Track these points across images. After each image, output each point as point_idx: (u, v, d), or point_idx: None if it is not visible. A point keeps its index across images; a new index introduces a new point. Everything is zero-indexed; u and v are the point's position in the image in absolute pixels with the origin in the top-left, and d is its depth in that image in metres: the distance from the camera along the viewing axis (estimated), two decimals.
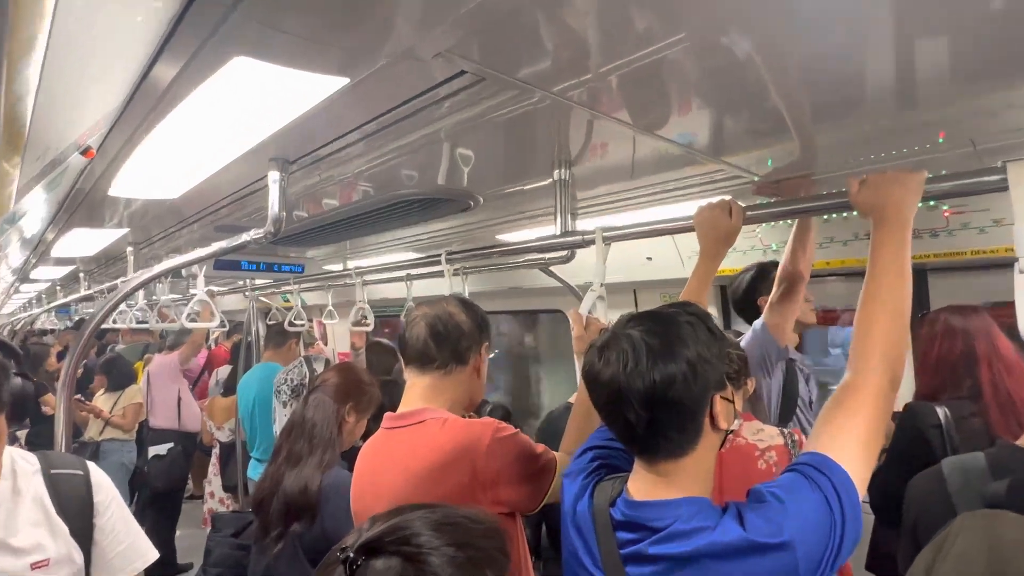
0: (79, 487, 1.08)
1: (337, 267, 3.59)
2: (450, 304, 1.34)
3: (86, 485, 1.09)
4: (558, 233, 1.62)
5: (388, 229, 2.45)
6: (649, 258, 2.41)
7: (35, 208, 2.02)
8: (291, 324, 3.21)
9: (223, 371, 4.62)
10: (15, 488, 1.04)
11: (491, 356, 1.41)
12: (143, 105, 1.08)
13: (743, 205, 1.31)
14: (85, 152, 1.17)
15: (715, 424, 0.89)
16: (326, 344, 5.61)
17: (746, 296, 1.93)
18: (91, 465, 1.13)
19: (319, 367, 2.81)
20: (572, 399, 2.11)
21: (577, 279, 2.56)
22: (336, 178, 1.60)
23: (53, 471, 1.07)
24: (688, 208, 1.42)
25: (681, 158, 1.46)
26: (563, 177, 1.54)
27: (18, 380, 3.41)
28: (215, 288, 4.34)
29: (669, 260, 2.35)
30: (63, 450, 1.40)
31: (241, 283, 4.43)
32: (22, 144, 1.11)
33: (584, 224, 1.70)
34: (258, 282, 3.91)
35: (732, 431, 0.92)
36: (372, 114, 1.14)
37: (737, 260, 2.20)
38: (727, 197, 1.34)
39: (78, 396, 4.09)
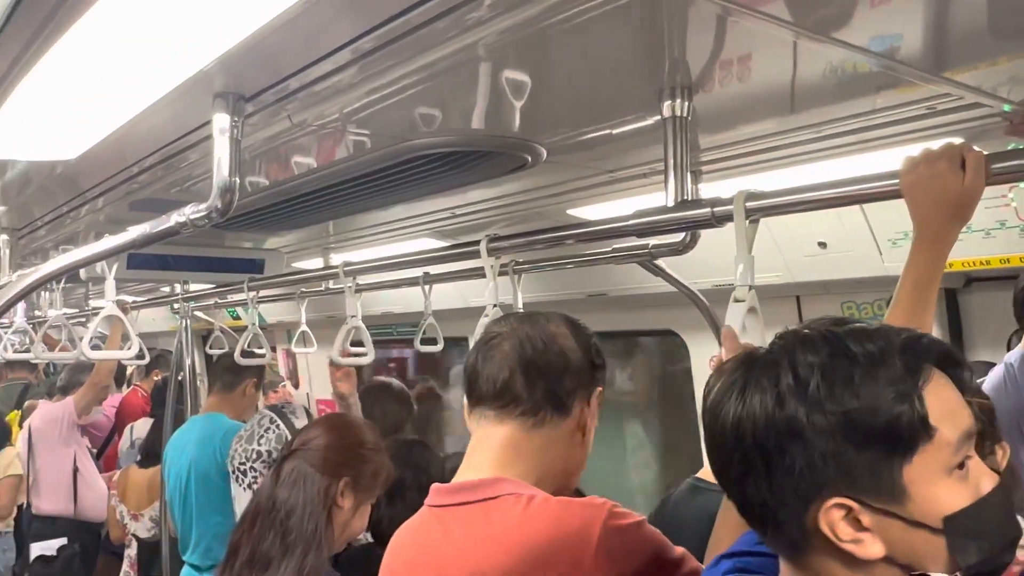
0: None
1: (314, 263, 3.70)
2: (553, 322, 1.39)
3: None
4: (670, 204, 1.62)
5: (394, 203, 2.50)
6: (823, 244, 2.37)
7: None
8: (246, 353, 3.31)
9: (141, 426, 4.83)
10: None
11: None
12: (29, 18, 1.14)
13: (985, 154, 1.28)
14: None
15: (836, 542, 0.86)
16: (297, 386, 5.79)
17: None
18: None
19: (302, 423, 2.86)
20: (704, 473, 2.09)
21: (699, 280, 2.54)
22: (314, 124, 1.65)
23: None
24: (888, 161, 1.39)
25: (875, 78, 1.43)
26: (679, 113, 1.53)
27: None
28: (127, 298, 4.56)
29: (858, 248, 2.31)
30: None
31: (167, 289, 4.63)
32: None
33: (712, 190, 1.68)
34: (193, 288, 4.07)
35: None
36: (371, 21, 1.17)
37: (976, 246, 2.14)
38: (957, 141, 1.31)
39: None
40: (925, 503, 0.84)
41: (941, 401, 0.85)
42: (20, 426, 4.83)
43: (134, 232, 1.68)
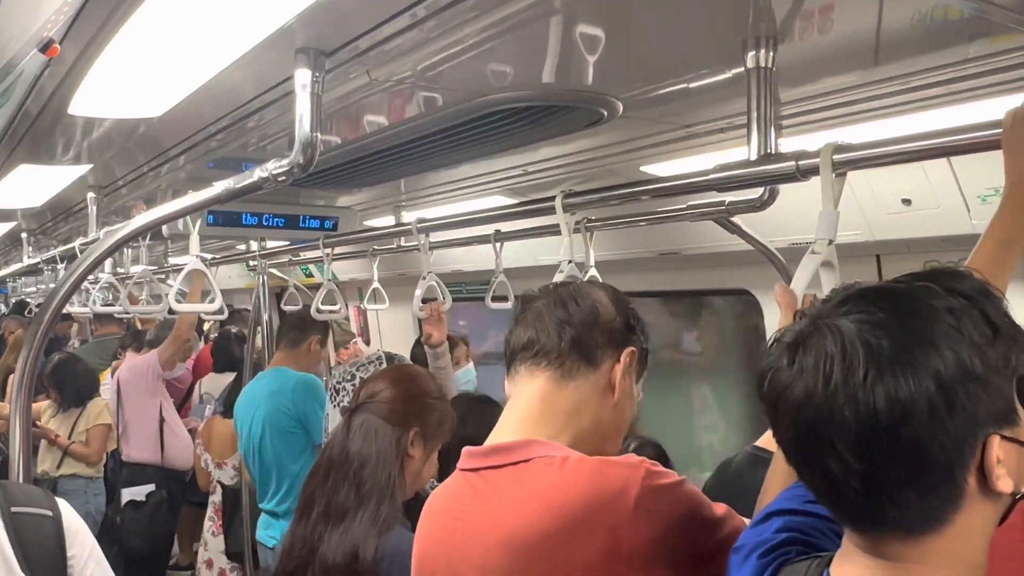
0: (47, 535, 1.22)
1: (385, 221, 3.75)
2: (593, 286, 1.42)
3: (56, 533, 1.23)
4: (753, 158, 1.60)
5: (467, 160, 2.52)
6: (907, 201, 2.30)
7: None
8: (319, 310, 3.38)
9: (208, 382, 5.00)
10: None
11: (640, 384, 1.44)
12: None
13: None
14: (46, 48, 1.30)
15: (989, 484, 0.85)
16: (368, 343, 5.90)
17: None
18: (63, 505, 1.29)
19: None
20: (764, 441, 2.09)
21: (775, 238, 2.50)
22: (390, 80, 1.67)
23: (15, 509, 1.23)
24: (980, 112, 1.34)
25: (968, 25, 1.39)
26: (763, 64, 1.51)
27: None
28: (206, 255, 4.70)
29: (944, 204, 2.23)
30: (21, 480, 1.60)
31: (242, 247, 4.75)
32: None
33: (792, 144, 1.65)
34: (269, 244, 4.17)
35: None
36: None
37: None
38: None
39: None
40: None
41: None
42: (108, 378, 5.06)
43: (219, 187, 1.73)
